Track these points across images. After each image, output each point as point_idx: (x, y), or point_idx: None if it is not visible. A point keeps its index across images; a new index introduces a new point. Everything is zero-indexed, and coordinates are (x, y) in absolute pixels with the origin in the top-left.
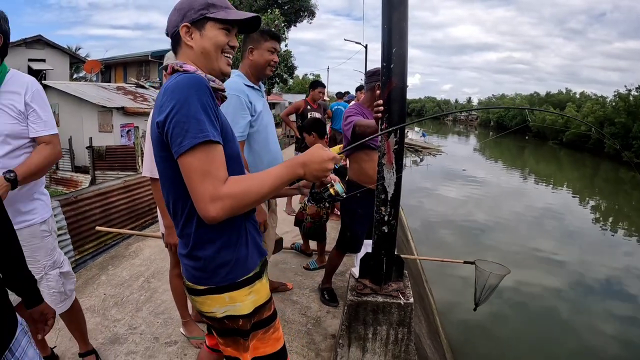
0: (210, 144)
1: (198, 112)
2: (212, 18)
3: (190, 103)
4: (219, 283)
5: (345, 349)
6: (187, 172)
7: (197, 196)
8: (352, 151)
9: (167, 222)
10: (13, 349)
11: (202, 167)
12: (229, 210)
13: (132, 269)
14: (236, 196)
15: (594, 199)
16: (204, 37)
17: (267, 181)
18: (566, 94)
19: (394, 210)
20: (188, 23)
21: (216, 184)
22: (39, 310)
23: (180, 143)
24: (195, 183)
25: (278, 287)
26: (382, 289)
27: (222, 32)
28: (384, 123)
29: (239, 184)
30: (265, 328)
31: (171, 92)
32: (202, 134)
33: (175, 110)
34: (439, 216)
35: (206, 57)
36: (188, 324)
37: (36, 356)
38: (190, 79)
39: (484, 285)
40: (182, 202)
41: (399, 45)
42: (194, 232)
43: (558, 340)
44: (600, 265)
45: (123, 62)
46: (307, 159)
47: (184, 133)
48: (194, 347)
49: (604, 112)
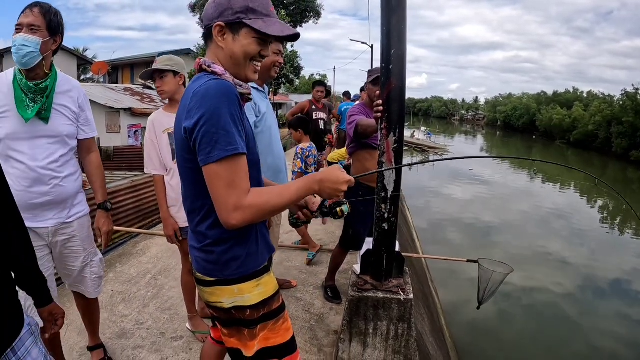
0: (238, 156)
1: (228, 123)
2: (249, 26)
3: (220, 114)
4: (229, 276)
5: (346, 344)
6: (213, 180)
7: (220, 205)
8: (355, 150)
9: (162, 214)
10: (16, 348)
11: (228, 177)
12: (249, 219)
13: (139, 267)
14: (257, 207)
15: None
16: (236, 42)
17: (286, 195)
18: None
19: (394, 208)
20: (223, 23)
21: (240, 195)
22: (49, 310)
23: (209, 153)
24: (219, 192)
25: (283, 284)
26: (382, 285)
27: (255, 41)
28: (384, 123)
29: (261, 196)
30: (275, 319)
31: (201, 99)
32: (232, 146)
33: (205, 120)
34: (445, 216)
35: (234, 62)
36: (194, 319)
37: (41, 356)
38: (220, 87)
39: (487, 284)
40: (201, 202)
41: (398, 46)
42: (209, 231)
43: (564, 341)
44: (608, 265)
45: (130, 63)
46: (325, 177)
47: (213, 144)
48: (199, 342)
49: (611, 111)
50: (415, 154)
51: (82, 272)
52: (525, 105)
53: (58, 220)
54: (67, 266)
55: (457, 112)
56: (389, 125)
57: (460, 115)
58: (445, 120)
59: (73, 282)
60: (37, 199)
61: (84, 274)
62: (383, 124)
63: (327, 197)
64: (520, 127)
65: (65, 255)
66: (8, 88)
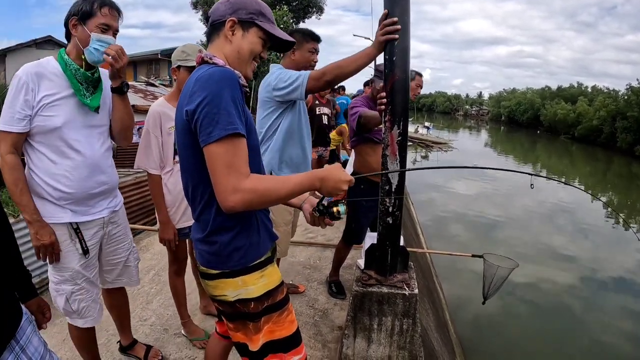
0: (238, 137)
1: (229, 104)
2: (260, 26)
3: (222, 96)
4: (233, 267)
5: (351, 340)
6: (213, 161)
7: (219, 186)
8: (357, 144)
9: (162, 218)
10: (18, 337)
11: (227, 158)
12: (247, 204)
13: (143, 263)
14: (257, 193)
15: (607, 194)
16: (245, 38)
17: (287, 186)
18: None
19: (398, 202)
20: (236, 19)
21: (240, 177)
22: (37, 303)
23: (210, 133)
24: (219, 173)
25: (289, 288)
26: (387, 280)
27: (260, 41)
28: (388, 115)
29: (262, 182)
30: (279, 311)
31: (204, 82)
32: (232, 126)
33: (207, 101)
34: (449, 211)
35: (240, 57)
36: (188, 325)
37: (41, 345)
38: (223, 72)
39: (492, 279)
40: (202, 189)
41: (402, 38)
42: (212, 218)
43: (569, 336)
44: (613, 261)
45: (133, 61)
46: (326, 175)
47: (214, 124)
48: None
49: (616, 106)
50: (419, 149)
51: (126, 262)
52: (529, 100)
53: (110, 209)
54: (114, 259)
55: (460, 107)
56: (392, 118)
57: (464, 110)
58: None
59: (116, 277)
60: (96, 188)
61: (128, 263)
62: (387, 117)
63: (327, 195)
64: (525, 122)
65: (113, 246)
66: (58, 76)
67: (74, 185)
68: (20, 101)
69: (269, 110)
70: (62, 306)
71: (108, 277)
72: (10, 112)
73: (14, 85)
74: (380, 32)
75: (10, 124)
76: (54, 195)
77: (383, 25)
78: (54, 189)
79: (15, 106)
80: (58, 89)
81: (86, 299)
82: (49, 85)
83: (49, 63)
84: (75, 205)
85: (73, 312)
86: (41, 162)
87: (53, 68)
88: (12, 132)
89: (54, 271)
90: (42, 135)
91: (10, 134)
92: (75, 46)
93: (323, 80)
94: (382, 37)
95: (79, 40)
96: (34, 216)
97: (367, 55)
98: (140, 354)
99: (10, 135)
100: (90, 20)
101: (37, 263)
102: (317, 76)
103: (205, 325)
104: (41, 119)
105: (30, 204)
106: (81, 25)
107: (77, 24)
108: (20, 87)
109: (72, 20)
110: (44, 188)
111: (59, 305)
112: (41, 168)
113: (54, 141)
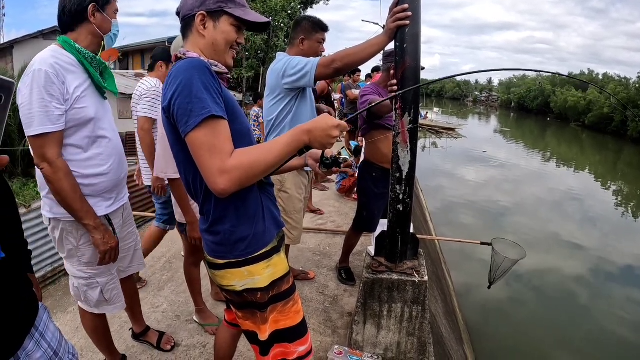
0: (214, 119)
1: (200, 91)
2: (229, 13)
3: (192, 84)
4: (238, 257)
5: (360, 326)
6: (195, 149)
7: (205, 171)
8: (368, 131)
9: (189, 218)
10: (36, 324)
11: (208, 142)
12: (237, 182)
13: (154, 251)
14: (244, 167)
15: (617, 183)
16: (217, 29)
17: (274, 150)
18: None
19: (408, 189)
20: (204, 12)
21: (223, 157)
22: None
23: (186, 122)
24: (203, 158)
25: (299, 274)
26: (397, 267)
27: (234, 28)
28: (398, 102)
29: (246, 155)
30: (284, 301)
31: (174, 77)
32: (205, 110)
33: (178, 93)
34: (458, 198)
35: (216, 49)
36: (202, 312)
37: (57, 330)
38: (190, 62)
39: (499, 266)
40: (199, 180)
41: (412, 25)
42: (213, 207)
43: (575, 324)
44: (622, 250)
45: (140, 49)
46: (312, 126)
47: (188, 113)
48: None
49: (627, 94)
50: (429, 135)
51: (135, 247)
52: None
53: (128, 194)
54: (127, 243)
55: (470, 94)
56: (403, 105)
57: (474, 96)
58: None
59: (128, 265)
60: (123, 174)
61: (137, 247)
62: (398, 104)
63: (319, 147)
64: (535, 108)
65: (126, 230)
66: (76, 67)
67: (110, 175)
68: (56, 96)
69: (279, 97)
70: (95, 299)
71: (122, 265)
72: (45, 111)
73: (39, 80)
74: (391, 19)
75: (52, 122)
76: (90, 188)
77: (394, 12)
78: (90, 182)
79: (50, 103)
80: (81, 80)
81: (117, 287)
82: (73, 77)
83: (62, 54)
84: (108, 194)
85: (105, 301)
86: (73, 157)
87: (68, 58)
88: (55, 132)
89: (86, 267)
90: (75, 129)
91: (53, 134)
92: (91, 33)
93: (332, 67)
94: (392, 24)
95: (98, 27)
96: (97, 221)
97: (377, 44)
98: (153, 341)
99: (54, 135)
100: (108, 7)
101: (50, 252)
102: (326, 63)
103: (216, 312)
104: (75, 112)
105: (92, 210)
106: (100, 12)
107: (96, 11)
108: (49, 82)
109: (91, 7)
110: (80, 182)
111: (92, 298)
112: (74, 163)
113: (87, 133)
